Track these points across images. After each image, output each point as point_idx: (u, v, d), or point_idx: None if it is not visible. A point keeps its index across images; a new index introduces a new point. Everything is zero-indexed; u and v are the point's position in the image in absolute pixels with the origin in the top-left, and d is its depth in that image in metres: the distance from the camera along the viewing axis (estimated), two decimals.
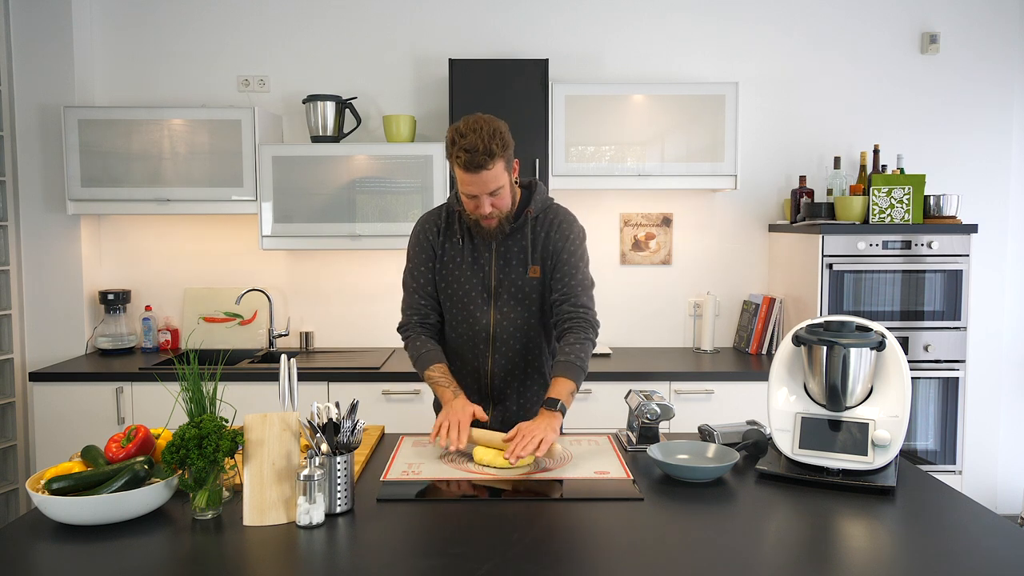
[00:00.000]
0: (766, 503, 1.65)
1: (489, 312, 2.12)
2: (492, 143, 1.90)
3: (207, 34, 3.69)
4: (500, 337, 2.13)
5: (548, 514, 1.57)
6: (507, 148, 1.96)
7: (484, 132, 1.90)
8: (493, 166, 1.93)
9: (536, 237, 2.11)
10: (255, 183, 3.39)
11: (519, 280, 2.10)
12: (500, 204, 2.01)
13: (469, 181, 1.95)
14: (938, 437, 3.31)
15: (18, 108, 3.49)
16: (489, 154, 1.90)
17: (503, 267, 2.11)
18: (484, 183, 1.94)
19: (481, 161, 1.90)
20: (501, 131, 1.94)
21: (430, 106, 3.70)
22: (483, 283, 2.12)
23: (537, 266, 2.10)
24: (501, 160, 1.94)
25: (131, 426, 1.69)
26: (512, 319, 2.12)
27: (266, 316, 3.74)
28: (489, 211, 2.00)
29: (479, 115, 1.96)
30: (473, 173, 1.93)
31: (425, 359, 2.10)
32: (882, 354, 1.78)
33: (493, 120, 1.96)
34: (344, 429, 1.61)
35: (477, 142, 1.89)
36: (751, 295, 3.74)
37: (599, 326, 2.10)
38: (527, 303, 2.12)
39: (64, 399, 3.20)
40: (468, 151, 1.90)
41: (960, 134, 3.73)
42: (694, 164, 3.40)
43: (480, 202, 1.99)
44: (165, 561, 1.37)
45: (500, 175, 1.96)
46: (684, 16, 3.69)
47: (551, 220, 2.13)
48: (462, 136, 1.91)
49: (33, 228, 3.54)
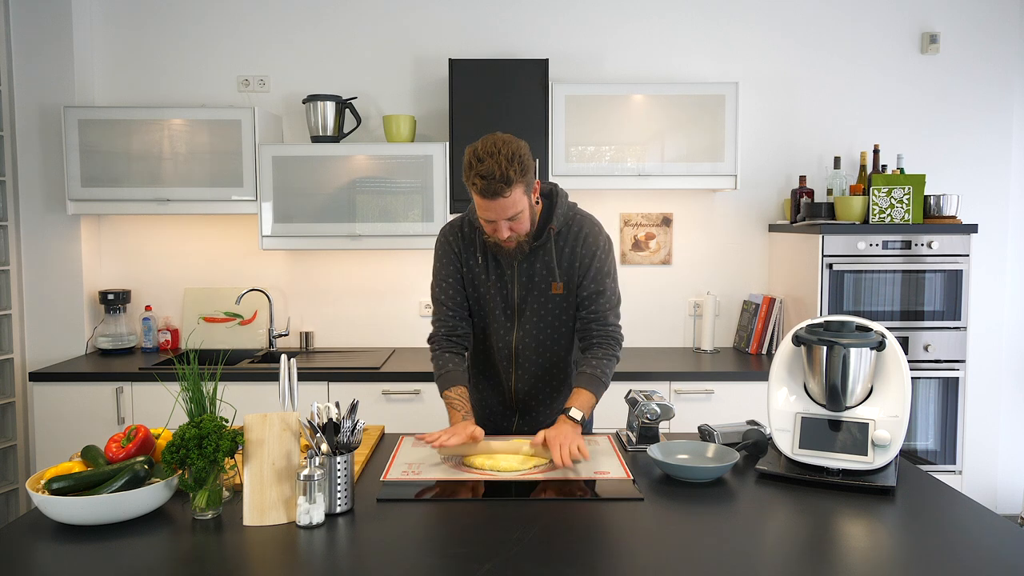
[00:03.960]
0: (766, 503, 1.65)
1: (512, 330, 2.08)
2: (510, 170, 1.82)
3: (207, 34, 3.69)
4: (523, 354, 2.10)
5: (548, 514, 1.57)
6: (527, 173, 1.87)
7: (502, 157, 1.81)
8: (511, 193, 1.84)
9: (560, 253, 2.04)
10: (255, 183, 3.39)
11: (542, 297, 2.06)
12: (519, 228, 1.94)
13: (486, 207, 1.88)
14: (938, 437, 3.31)
15: (18, 108, 3.49)
16: (506, 182, 1.82)
17: (526, 284, 2.05)
18: (502, 209, 1.87)
19: (498, 189, 1.82)
20: (520, 155, 1.85)
21: (430, 106, 3.70)
22: (505, 301, 2.07)
23: (561, 283, 2.04)
24: (520, 186, 1.86)
25: (131, 426, 1.69)
26: (535, 336, 2.08)
27: (266, 316, 3.74)
28: (507, 235, 1.93)
29: (498, 136, 1.87)
30: (490, 200, 1.85)
31: (446, 379, 2.06)
32: (882, 354, 1.78)
33: (512, 142, 1.86)
34: (344, 429, 1.61)
35: (494, 168, 1.81)
36: (751, 295, 3.74)
37: (623, 340, 2.10)
38: (550, 319, 2.08)
39: (64, 399, 3.20)
40: (484, 178, 1.81)
41: (960, 134, 3.73)
42: (694, 164, 3.40)
43: (498, 227, 1.91)
44: (165, 561, 1.37)
45: (519, 201, 1.88)
46: (684, 16, 3.69)
47: (576, 233, 2.05)
48: (479, 161, 1.82)
49: (33, 228, 3.54)
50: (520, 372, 2.13)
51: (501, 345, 2.10)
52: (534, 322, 2.08)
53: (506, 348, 2.10)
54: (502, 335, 2.10)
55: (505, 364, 2.12)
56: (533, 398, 2.17)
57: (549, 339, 2.10)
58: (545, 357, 2.13)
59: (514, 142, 1.87)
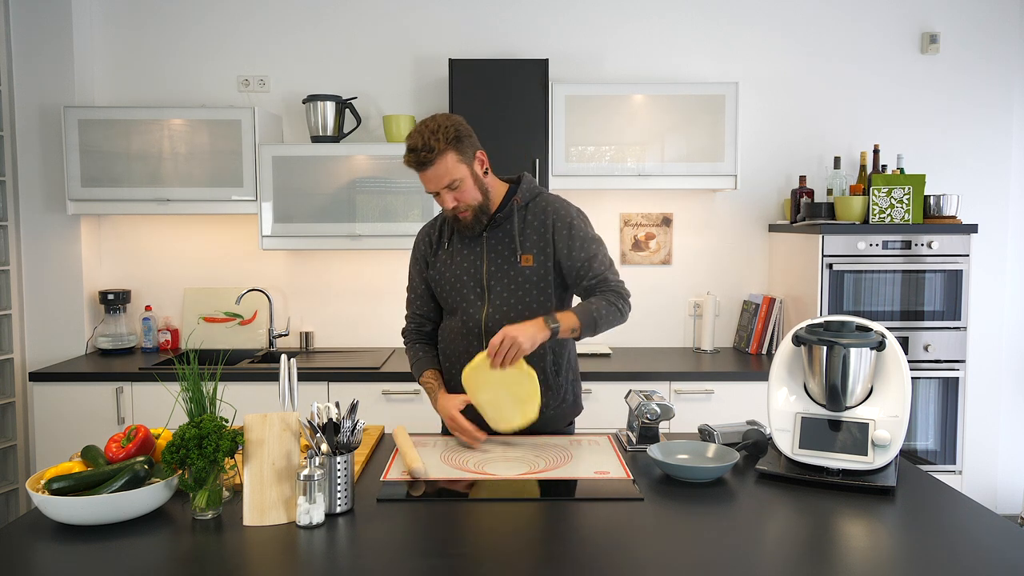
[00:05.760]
0: (766, 503, 1.65)
1: (482, 307, 2.10)
2: (432, 139, 1.93)
3: (207, 34, 3.69)
4: (492, 331, 2.09)
5: (548, 514, 1.57)
6: (456, 141, 1.96)
7: (427, 129, 1.94)
8: (438, 160, 1.95)
9: (526, 225, 2.11)
10: (255, 183, 3.39)
11: (511, 270, 2.09)
12: (463, 197, 2.02)
13: (423, 179, 2.00)
14: (938, 437, 3.31)
15: (18, 108, 3.49)
16: (429, 149, 1.93)
17: (494, 259, 2.11)
18: (437, 178, 1.97)
19: (423, 158, 1.94)
20: (447, 126, 1.96)
21: (430, 106, 3.70)
22: (474, 278, 2.12)
23: (529, 255, 2.09)
24: (449, 153, 1.95)
25: (131, 426, 1.69)
26: (505, 312, 2.09)
27: (266, 316, 3.74)
28: (453, 205, 2.02)
29: (435, 115, 2.00)
30: (421, 171, 1.97)
31: (419, 366, 2.22)
32: (882, 354, 1.78)
33: (446, 117, 1.99)
34: (344, 429, 1.61)
35: (417, 140, 1.94)
36: (751, 295, 3.74)
37: (630, 296, 2.08)
38: (521, 294, 2.09)
39: (64, 399, 3.20)
40: (410, 150, 1.96)
41: (960, 134, 3.73)
42: (694, 164, 3.40)
43: (442, 198, 2.02)
44: (165, 561, 1.37)
45: (453, 168, 1.97)
46: (684, 16, 3.69)
47: (543, 208, 2.12)
48: (409, 137, 1.97)
49: (33, 228, 3.54)
50: None
51: (472, 324, 2.11)
52: (504, 297, 2.09)
53: (476, 327, 2.11)
54: (471, 313, 2.11)
55: (475, 343, 2.11)
56: None
57: (520, 317, 2.07)
58: None
59: (448, 117, 1.99)
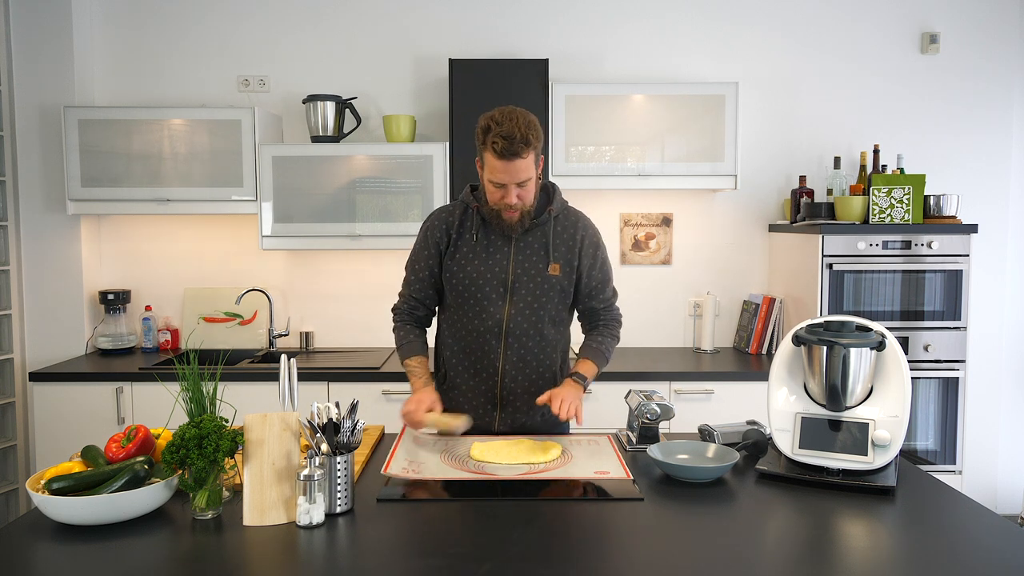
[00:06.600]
0: (766, 503, 1.65)
1: (504, 307, 2.11)
2: (529, 133, 1.94)
3: (207, 34, 3.69)
4: (513, 333, 2.11)
5: (548, 514, 1.57)
6: (540, 140, 2.00)
7: (521, 121, 1.94)
8: (527, 155, 1.96)
9: (557, 236, 2.14)
10: (255, 183, 3.39)
11: (538, 276, 2.11)
12: (525, 196, 2.04)
13: (502, 169, 1.97)
14: (938, 437, 3.31)
15: (18, 108, 3.49)
16: (525, 142, 1.94)
17: (522, 262, 2.11)
18: (516, 172, 1.97)
19: (517, 149, 1.93)
20: (535, 123, 1.99)
21: (430, 106, 3.70)
22: (498, 277, 2.11)
23: (557, 264, 2.13)
24: (534, 151, 1.98)
25: (131, 426, 1.70)
26: (527, 315, 2.11)
27: (266, 316, 3.74)
28: (515, 202, 2.02)
29: (512, 107, 2.00)
30: (507, 161, 1.95)
31: (408, 349, 2.19)
32: (882, 354, 1.78)
33: (527, 112, 2.00)
34: (344, 429, 1.61)
35: (514, 130, 1.92)
36: (751, 295, 3.74)
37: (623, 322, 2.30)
38: (544, 300, 2.12)
39: (64, 399, 3.20)
40: (506, 138, 1.93)
41: (960, 134, 3.73)
42: (694, 164, 3.40)
43: (507, 192, 2.01)
44: (165, 561, 1.37)
45: (531, 166, 2.00)
46: (684, 16, 3.69)
47: (574, 222, 2.18)
48: (498, 124, 1.94)
49: (33, 228, 3.54)
50: (509, 353, 2.13)
51: (491, 323, 2.11)
52: (528, 301, 2.11)
53: (496, 326, 2.11)
54: (492, 312, 2.11)
55: (495, 343, 2.12)
56: (519, 385, 2.15)
57: (540, 321, 2.13)
58: (535, 340, 2.14)
59: (529, 113, 2.00)
